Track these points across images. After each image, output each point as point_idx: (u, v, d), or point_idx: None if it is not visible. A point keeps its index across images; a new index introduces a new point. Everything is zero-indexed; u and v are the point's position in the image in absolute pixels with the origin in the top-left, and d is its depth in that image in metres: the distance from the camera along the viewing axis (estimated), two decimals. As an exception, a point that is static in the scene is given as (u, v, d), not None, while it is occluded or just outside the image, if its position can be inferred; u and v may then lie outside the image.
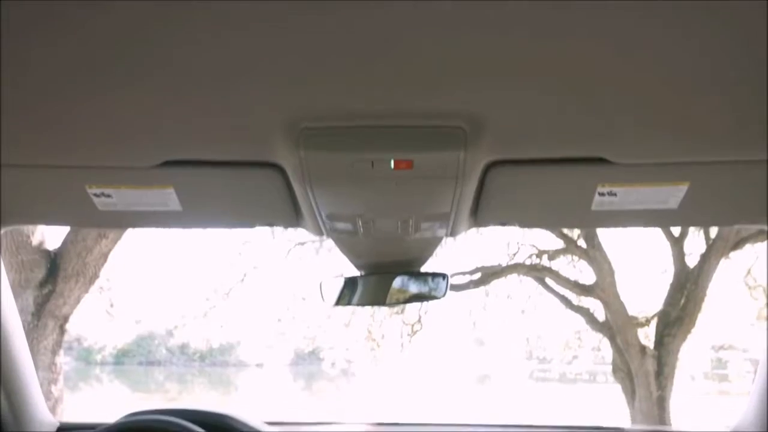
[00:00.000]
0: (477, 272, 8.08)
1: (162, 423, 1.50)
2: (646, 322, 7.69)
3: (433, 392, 12.67)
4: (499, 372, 13.96)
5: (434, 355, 12.70)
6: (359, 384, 12.52)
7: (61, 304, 4.34)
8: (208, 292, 10.12)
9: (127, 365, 20.12)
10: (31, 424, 1.83)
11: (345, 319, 9.36)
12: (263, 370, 17.40)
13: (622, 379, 7.41)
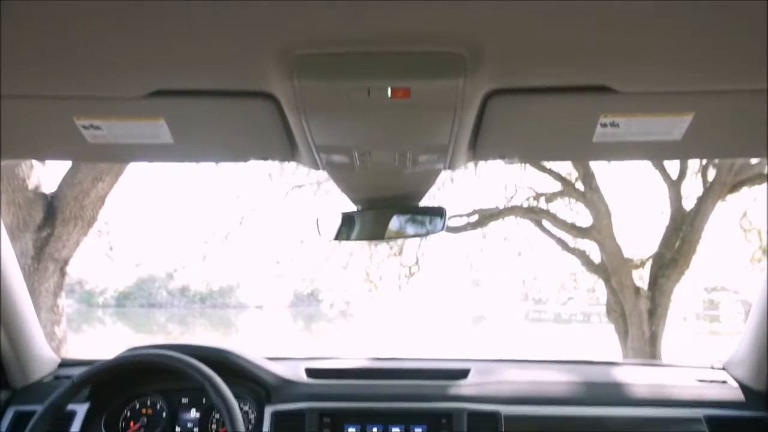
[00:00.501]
0: (474, 214, 8.11)
1: (162, 357, 1.52)
2: (641, 263, 7.77)
3: (430, 332, 12.94)
4: (494, 313, 14.20)
5: (431, 296, 12.89)
6: (357, 324, 12.74)
7: (61, 248, 4.36)
8: (206, 235, 10.19)
9: (128, 307, 20.42)
10: (33, 361, 1.87)
11: (343, 261, 9.45)
12: (263, 311, 17.68)
13: (615, 319, 7.54)
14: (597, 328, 11.71)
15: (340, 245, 8.94)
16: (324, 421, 1.62)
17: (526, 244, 9.37)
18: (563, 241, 8.05)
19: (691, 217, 7.05)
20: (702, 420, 1.69)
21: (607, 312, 7.77)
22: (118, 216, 11.06)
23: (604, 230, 7.30)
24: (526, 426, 1.65)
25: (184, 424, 1.79)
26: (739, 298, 13.68)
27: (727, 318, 14.30)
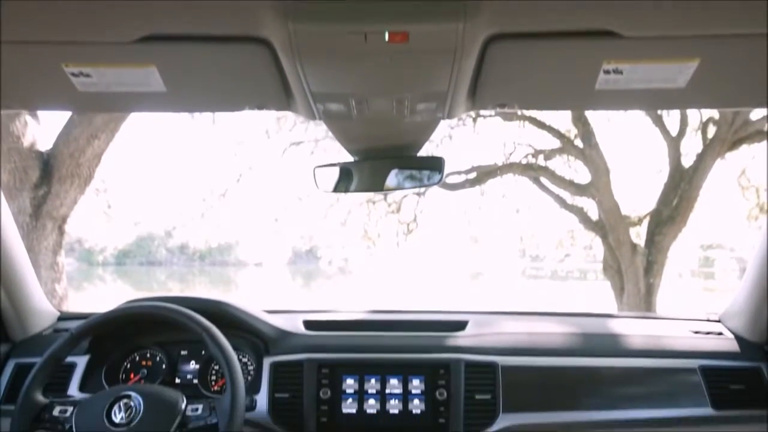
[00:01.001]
0: (472, 172, 8.08)
1: (160, 309, 1.53)
2: (639, 221, 7.81)
3: (428, 289, 13.05)
4: (492, 269, 14.30)
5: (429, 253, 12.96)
6: (356, 281, 12.84)
7: (58, 206, 4.35)
8: (204, 193, 10.16)
9: (128, 265, 20.53)
10: (32, 315, 1.88)
11: (341, 218, 9.46)
12: (262, 268, 17.80)
13: (612, 276, 7.60)
14: (593, 284, 11.82)
15: (338, 202, 8.95)
16: (322, 372, 1.64)
17: (524, 201, 9.38)
18: (561, 198, 8.06)
19: (690, 174, 7.04)
20: (697, 370, 1.72)
21: (604, 269, 7.82)
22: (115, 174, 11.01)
23: (603, 187, 7.30)
24: (523, 376, 1.67)
25: (184, 376, 1.81)
26: (734, 256, 13.77)
27: (721, 275, 14.43)
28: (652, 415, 1.65)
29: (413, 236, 9.23)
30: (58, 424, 1.40)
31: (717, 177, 7.58)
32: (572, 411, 1.64)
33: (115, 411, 1.38)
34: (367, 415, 1.61)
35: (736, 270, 13.22)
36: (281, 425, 1.61)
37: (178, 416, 1.38)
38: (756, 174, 8.00)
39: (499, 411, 1.61)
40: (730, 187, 8.46)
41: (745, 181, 8.27)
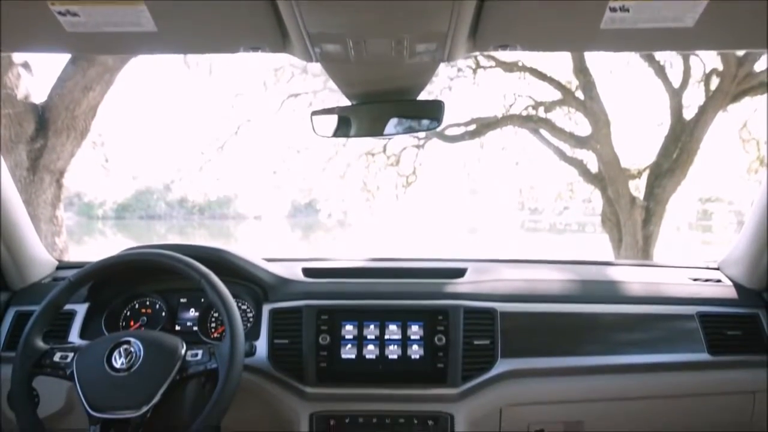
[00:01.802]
0: (472, 124, 8.03)
1: (158, 256, 1.53)
2: (638, 173, 7.79)
3: (427, 241, 13.09)
4: (491, 222, 14.34)
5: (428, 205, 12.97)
6: (355, 234, 12.87)
7: (55, 159, 4.33)
8: (202, 146, 10.09)
9: (128, 219, 20.55)
10: (30, 264, 1.89)
11: (340, 171, 9.44)
12: (261, 222, 17.83)
13: (610, 228, 7.63)
14: (591, 237, 11.86)
15: (336, 155, 8.91)
16: (321, 318, 1.65)
17: (524, 153, 9.34)
18: (561, 151, 8.02)
19: (691, 126, 7.00)
20: (695, 316, 1.73)
21: (602, 221, 7.85)
22: (112, 128, 10.92)
23: (603, 140, 7.26)
24: (521, 322, 1.69)
25: (184, 323, 1.83)
26: (732, 209, 13.78)
27: (719, 228, 14.47)
28: (649, 360, 1.68)
29: (412, 189, 9.24)
30: (59, 370, 1.42)
31: (718, 130, 7.54)
32: (570, 356, 1.67)
33: (115, 356, 1.39)
34: (366, 361, 1.63)
35: (734, 223, 13.25)
36: (281, 371, 1.64)
37: (178, 361, 1.40)
38: (757, 127, 7.95)
39: (497, 356, 1.63)
40: (731, 140, 8.43)
41: (747, 134, 8.23)
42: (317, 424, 1.61)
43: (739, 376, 1.71)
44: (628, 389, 1.69)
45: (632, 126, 9.14)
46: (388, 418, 1.61)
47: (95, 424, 1.34)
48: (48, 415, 1.64)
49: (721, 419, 1.76)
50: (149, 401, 1.34)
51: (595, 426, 1.73)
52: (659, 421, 1.74)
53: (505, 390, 1.64)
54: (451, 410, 1.61)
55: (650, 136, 8.20)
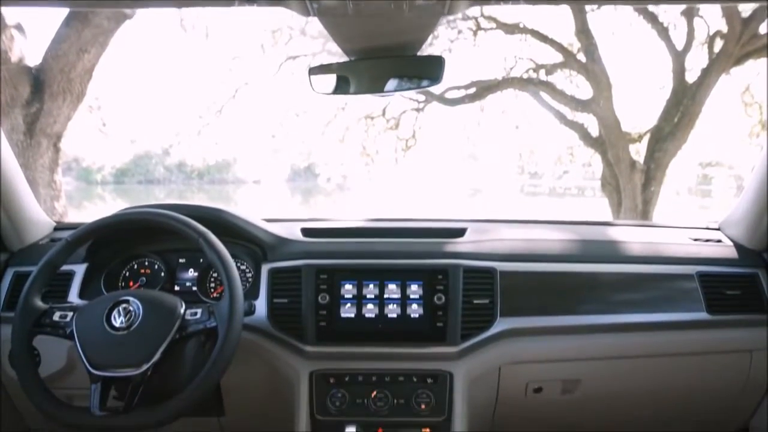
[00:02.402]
0: (472, 87, 7.95)
1: (155, 215, 1.52)
2: (639, 137, 7.75)
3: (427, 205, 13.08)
4: (490, 186, 14.31)
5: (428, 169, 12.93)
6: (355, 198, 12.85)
7: (52, 123, 4.31)
8: (200, 110, 10.00)
9: (127, 184, 20.46)
10: (28, 225, 1.89)
11: (339, 134, 9.38)
12: (260, 186, 17.76)
13: (609, 192, 7.63)
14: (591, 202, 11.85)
15: (335, 118, 8.84)
16: (320, 278, 1.65)
17: (524, 117, 9.27)
18: (562, 114, 7.97)
19: (694, 90, 6.94)
20: (694, 276, 1.74)
21: (602, 185, 7.84)
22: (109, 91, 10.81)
23: (604, 103, 7.21)
24: (521, 281, 1.69)
25: (183, 283, 1.83)
26: (733, 174, 13.73)
27: (719, 193, 14.43)
28: (648, 320, 1.69)
29: (412, 153, 9.19)
30: (58, 329, 1.43)
31: (720, 93, 7.47)
32: (569, 315, 1.68)
33: (114, 315, 1.40)
34: (365, 320, 1.64)
35: (733, 188, 13.21)
36: (280, 330, 1.64)
37: (178, 320, 1.41)
38: (760, 90, 7.88)
39: (496, 315, 1.64)
40: (733, 105, 8.36)
41: (749, 97, 8.16)
42: (317, 382, 1.63)
43: (737, 335, 1.73)
44: (627, 348, 1.71)
45: (634, 89, 9.05)
46: (388, 376, 1.62)
47: (96, 382, 1.36)
48: (50, 375, 1.65)
49: (718, 377, 1.78)
50: (149, 359, 1.35)
51: (593, 384, 1.75)
52: (656, 379, 1.76)
53: (504, 348, 1.65)
54: (450, 368, 1.63)
55: (652, 99, 8.13)
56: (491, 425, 1.82)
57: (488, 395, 1.73)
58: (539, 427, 1.89)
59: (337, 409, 1.60)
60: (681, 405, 1.85)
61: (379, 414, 1.60)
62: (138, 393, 1.35)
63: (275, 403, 1.75)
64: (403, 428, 1.61)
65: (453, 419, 1.60)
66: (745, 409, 1.89)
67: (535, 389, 1.74)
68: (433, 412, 1.60)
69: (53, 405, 1.39)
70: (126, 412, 1.34)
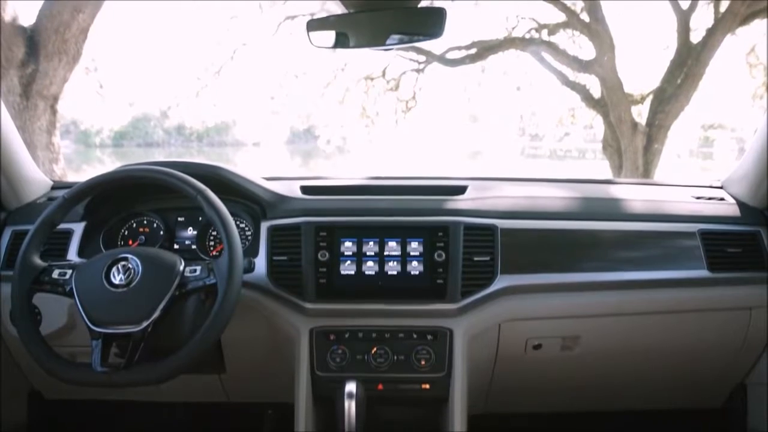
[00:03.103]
0: (473, 47, 7.84)
1: (152, 172, 1.51)
2: (641, 99, 7.68)
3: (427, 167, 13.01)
4: (491, 148, 14.24)
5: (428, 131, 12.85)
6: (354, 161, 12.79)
7: (48, 84, 4.28)
8: (198, 72, 9.90)
9: (126, 147, 20.36)
10: (25, 183, 1.88)
11: (339, 96, 9.29)
12: (260, 148, 17.67)
13: (611, 154, 7.60)
14: (591, 164, 11.82)
15: (335, 79, 8.75)
16: (320, 235, 1.64)
17: (526, 78, 9.17)
18: (564, 75, 7.88)
19: (698, 50, 6.86)
20: (696, 234, 1.73)
21: (603, 148, 7.80)
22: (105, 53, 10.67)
23: (607, 64, 7.13)
24: (522, 239, 1.68)
25: (182, 242, 1.83)
26: (734, 136, 13.66)
27: (720, 156, 14.38)
28: (648, 277, 1.69)
29: (412, 114, 9.12)
30: (57, 286, 1.43)
31: (724, 54, 7.38)
32: (570, 272, 1.67)
33: (113, 273, 1.40)
34: (365, 277, 1.64)
35: (735, 151, 13.16)
36: (280, 287, 1.64)
37: (177, 277, 1.40)
38: (765, 51, 7.78)
39: (497, 272, 1.64)
40: (737, 66, 8.27)
41: (754, 58, 8.06)
42: (317, 339, 1.63)
43: (737, 293, 1.73)
44: (627, 305, 1.71)
45: (637, 49, 8.94)
46: (388, 333, 1.63)
47: (97, 338, 1.36)
48: (51, 333, 1.66)
49: (717, 335, 1.79)
50: (149, 316, 1.35)
51: (593, 341, 1.76)
52: (656, 336, 1.77)
53: (504, 306, 1.65)
54: (450, 325, 1.63)
55: (655, 60, 8.04)
56: (490, 381, 1.83)
57: (488, 352, 1.74)
58: (538, 383, 1.91)
59: (338, 365, 1.61)
60: (679, 362, 1.87)
61: (379, 370, 1.61)
62: (139, 349, 1.35)
63: (276, 359, 1.76)
64: (403, 384, 1.62)
65: (452, 375, 1.61)
66: (743, 366, 1.91)
67: (534, 346, 1.75)
68: (432, 368, 1.61)
69: (55, 362, 1.40)
70: (127, 368, 1.35)
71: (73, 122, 18.56)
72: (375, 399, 1.54)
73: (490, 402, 1.93)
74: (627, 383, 1.93)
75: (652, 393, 2.00)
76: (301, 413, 1.61)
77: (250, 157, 17.68)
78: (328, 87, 9.21)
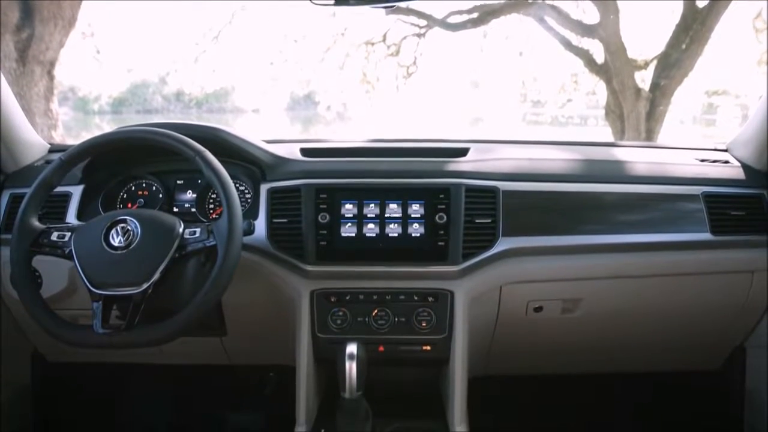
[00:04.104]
0: (475, 11, 7.72)
1: (150, 133, 1.49)
2: (645, 64, 7.58)
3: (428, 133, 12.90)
4: (492, 114, 14.10)
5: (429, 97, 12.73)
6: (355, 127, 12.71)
7: (44, 49, 4.24)
8: (196, 37, 9.76)
9: (125, 114, 20.22)
10: (21, 146, 1.87)
11: (339, 61, 9.18)
12: (260, 115, 17.54)
13: (613, 121, 7.53)
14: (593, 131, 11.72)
15: (335, 44, 8.64)
16: (320, 197, 1.64)
17: (528, 43, 9.04)
18: (567, 40, 7.76)
19: (704, 14, 6.75)
20: (700, 197, 1.72)
21: (606, 114, 7.73)
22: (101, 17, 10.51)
23: (611, 28, 7.02)
24: (523, 201, 1.67)
25: (181, 205, 1.82)
26: (738, 103, 13.53)
27: (723, 122, 14.25)
28: (651, 240, 1.68)
29: (413, 80, 9.03)
30: (57, 249, 1.43)
31: (731, 19, 7.27)
32: (572, 235, 1.67)
33: (112, 235, 1.39)
34: (366, 239, 1.63)
35: (738, 118, 13.03)
36: (280, 249, 1.64)
37: (177, 239, 1.40)
38: (773, 15, 7.65)
39: (498, 234, 1.63)
40: (743, 32, 8.14)
41: (761, 23, 7.93)
42: (318, 301, 1.64)
43: (739, 256, 1.73)
44: (628, 268, 1.71)
45: (642, 13, 8.79)
46: (389, 295, 1.63)
47: (97, 300, 1.36)
48: (52, 296, 1.67)
49: (718, 298, 1.80)
50: (149, 278, 1.35)
51: (593, 303, 1.76)
52: (657, 299, 1.78)
53: (505, 268, 1.65)
54: (451, 287, 1.63)
55: (660, 24, 7.91)
56: (490, 343, 1.84)
57: (489, 314, 1.74)
58: (539, 345, 1.92)
59: (338, 327, 1.62)
60: (680, 324, 1.87)
61: (380, 332, 1.62)
62: (139, 312, 1.36)
63: (277, 322, 1.77)
64: (404, 346, 1.63)
65: (453, 337, 1.62)
66: (743, 329, 1.92)
67: (535, 308, 1.75)
68: (433, 330, 1.62)
69: (56, 323, 1.40)
70: (128, 329, 1.35)
71: (71, 89, 18.39)
72: (376, 360, 1.55)
73: (490, 364, 1.94)
74: (627, 345, 1.94)
75: (651, 355, 2.02)
76: (302, 375, 1.63)
77: (249, 124, 17.54)
78: (327, 52, 9.10)
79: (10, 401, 2.00)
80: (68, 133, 7.64)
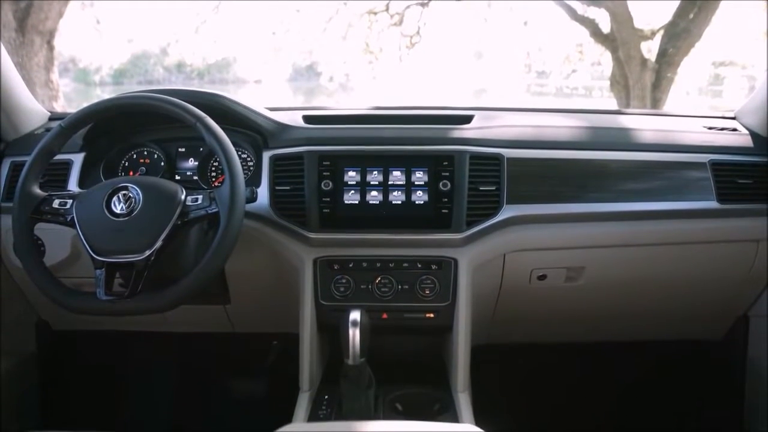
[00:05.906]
0: (480, -20, 7.61)
1: (150, 99, 1.47)
2: (652, 34, 7.48)
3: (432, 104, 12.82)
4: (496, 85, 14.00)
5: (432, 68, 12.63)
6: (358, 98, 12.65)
7: (44, 19, 4.21)
8: (197, 6, 9.65)
9: (126, 85, 20.09)
10: (21, 114, 1.86)
11: (341, 31, 9.09)
12: (262, 86, 17.42)
13: (618, 91, 7.46)
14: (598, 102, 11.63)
15: (337, 14, 8.54)
16: (323, 164, 1.62)
17: (533, 12, 8.93)
18: (572, 9, 7.66)
19: (713, -18, 6.64)
20: (706, 164, 1.70)
21: (611, 85, 7.66)
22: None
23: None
24: (528, 168, 1.65)
25: (183, 173, 1.81)
26: (745, 74, 13.38)
27: (729, 94, 14.13)
28: (657, 208, 1.66)
29: (416, 50, 8.94)
30: (58, 216, 1.42)
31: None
32: (576, 203, 1.65)
33: (114, 202, 1.39)
34: (369, 206, 1.62)
35: (745, 89, 12.90)
36: (283, 217, 1.63)
37: (179, 206, 1.39)
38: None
39: (503, 202, 1.62)
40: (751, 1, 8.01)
41: (771, -9, 7.81)
42: (321, 268, 1.63)
43: (745, 224, 1.71)
44: (633, 236, 1.69)
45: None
46: (392, 263, 1.63)
47: (100, 267, 1.36)
48: (55, 264, 1.67)
49: (723, 266, 1.79)
50: (152, 246, 1.35)
51: (597, 272, 1.76)
52: (661, 268, 1.77)
53: (509, 236, 1.64)
54: (455, 255, 1.62)
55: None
56: (494, 311, 1.84)
57: (492, 282, 1.74)
58: (542, 313, 1.92)
59: (342, 294, 1.62)
60: (683, 293, 1.87)
61: (384, 299, 1.61)
62: (143, 279, 1.36)
63: (280, 290, 1.77)
64: (408, 313, 1.63)
65: (457, 305, 1.62)
66: (747, 298, 1.92)
67: (539, 276, 1.75)
68: (437, 297, 1.61)
69: (59, 291, 1.40)
70: (131, 296, 1.35)
71: (72, 60, 18.24)
72: (379, 328, 1.55)
73: (493, 332, 1.95)
74: (630, 314, 1.94)
75: (655, 324, 2.02)
76: (305, 343, 1.63)
77: (252, 95, 17.45)
78: (330, 22, 9.00)
79: (16, 369, 2.01)
80: (69, 104, 7.61)
